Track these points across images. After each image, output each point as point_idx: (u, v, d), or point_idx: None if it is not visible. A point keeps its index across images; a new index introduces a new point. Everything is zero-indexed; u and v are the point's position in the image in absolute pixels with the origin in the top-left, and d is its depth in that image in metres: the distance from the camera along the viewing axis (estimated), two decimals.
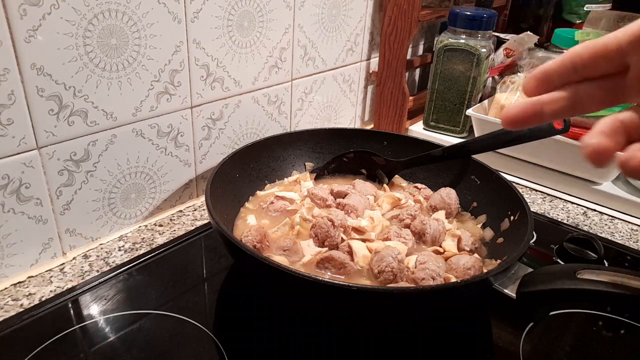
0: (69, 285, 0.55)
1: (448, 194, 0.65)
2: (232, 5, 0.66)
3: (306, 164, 0.75)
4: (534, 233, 0.68)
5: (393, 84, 0.96)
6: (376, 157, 0.73)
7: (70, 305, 0.52)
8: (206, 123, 0.69)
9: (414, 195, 0.69)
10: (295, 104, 0.84)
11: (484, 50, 0.88)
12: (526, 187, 0.84)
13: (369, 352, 0.49)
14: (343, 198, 0.64)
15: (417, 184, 0.72)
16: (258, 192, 0.68)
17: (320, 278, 0.43)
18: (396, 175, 0.74)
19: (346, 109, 0.97)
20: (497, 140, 0.65)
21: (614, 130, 0.29)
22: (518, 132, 0.62)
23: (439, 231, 0.58)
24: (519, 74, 0.90)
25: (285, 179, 0.72)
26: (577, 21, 1.17)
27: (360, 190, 0.67)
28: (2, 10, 0.45)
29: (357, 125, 1.03)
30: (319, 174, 0.74)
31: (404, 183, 0.74)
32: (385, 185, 0.72)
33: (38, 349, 0.46)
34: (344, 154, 0.74)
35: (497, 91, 0.90)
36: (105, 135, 0.58)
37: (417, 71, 1.16)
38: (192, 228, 0.66)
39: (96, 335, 0.48)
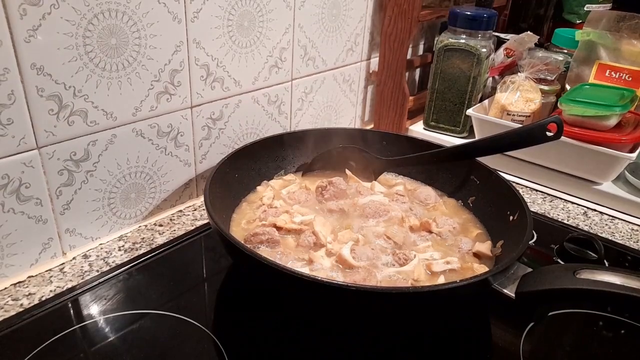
0: (69, 285, 0.55)
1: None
2: (232, 5, 0.66)
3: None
4: (534, 233, 0.68)
5: (393, 84, 0.96)
6: (366, 153, 0.72)
7: (70, 305, 0.52)
8: (206, 123, 0.69)
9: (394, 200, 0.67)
10: (295, 104, 0.84)
11: (484, 50, 0.88)
12: (526, 187, 0.84)
13: (368, 352, 0.49)
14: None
15: (398, 190, 0.70)
16: (258, 188, 0.68)
17: (319, 277, 0.43)
18: (387, 175, 0.73)
19: (346, 109, 0.97)
20: (489, 146, 0.65)
21: None
22: (509, 139, 0.63)
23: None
24: (519, 74, 0.90)
25: (282, 179, 0.72)
26: (577, 21, 1.18)
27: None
28: (2, 10, 0.45)
29: (357, 125, 1.03)
30: (306, 171, 0.74)
31: (399, 179, 0.73)
32: (374, 181, 0.71)
33: (38, 349, 0.46)
34: (330, 149, 0.73)
35: (497, 91, 0.90)
36: (105, 135, 0.58)
37: (417, 71, 1.16)
38: (192, 228, 0.66)
39: (96, 335, 0.48)
